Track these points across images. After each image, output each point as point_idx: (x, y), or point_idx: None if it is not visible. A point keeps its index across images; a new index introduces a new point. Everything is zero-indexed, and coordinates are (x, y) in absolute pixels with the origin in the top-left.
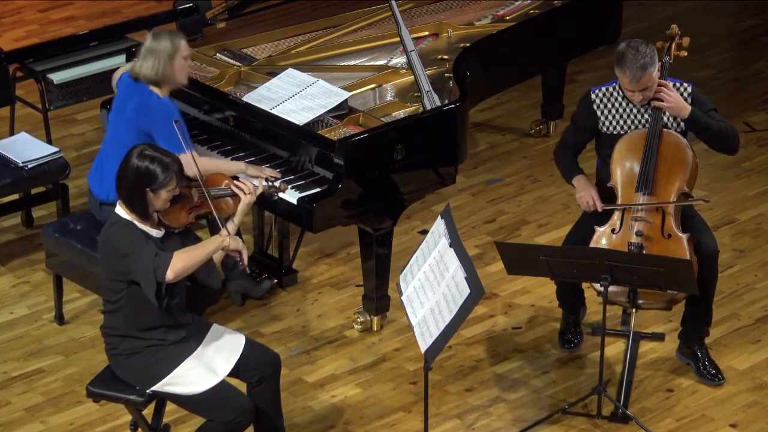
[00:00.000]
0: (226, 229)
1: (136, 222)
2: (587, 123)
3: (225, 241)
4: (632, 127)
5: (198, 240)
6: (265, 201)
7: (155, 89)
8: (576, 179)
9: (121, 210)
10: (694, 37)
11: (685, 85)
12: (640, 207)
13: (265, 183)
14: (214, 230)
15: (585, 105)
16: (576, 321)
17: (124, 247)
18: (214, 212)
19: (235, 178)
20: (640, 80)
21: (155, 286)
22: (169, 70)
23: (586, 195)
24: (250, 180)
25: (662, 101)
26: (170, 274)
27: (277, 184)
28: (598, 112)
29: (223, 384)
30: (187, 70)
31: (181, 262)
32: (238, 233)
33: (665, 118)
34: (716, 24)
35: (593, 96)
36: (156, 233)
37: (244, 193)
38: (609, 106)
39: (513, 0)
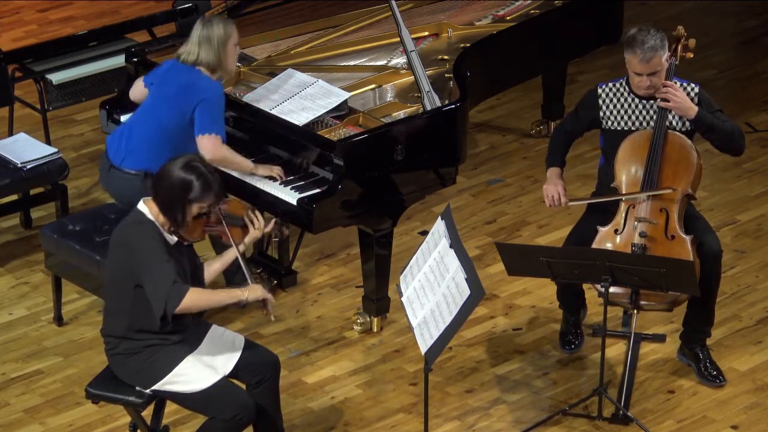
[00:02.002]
0: (247, 277)
1: (157, 224)
2: (589, 115)
3: (242, 297)
4: (636, 123)
5: (196, 256)
6: (265, 202)
7: (208, 74)
8: (550, 170)
9: (144, 208)
10: (696, 38)
11: (692, 85)
12: (617, 200)
13: (274, 228)
14: (215, 244)
15: (590, 98)
16: (576, 322)
17: (144, 254)
18: (228, 234)
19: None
20: (650, 61)
21: (162, 312)
22: (224, 56)
23: (552, 189)
24: (263, 217)
25: (668, 101)
26: (179, 309)
27: (283, 228)
28: (603, 107)
29: (223, 381)
30: (236, 60)
31: (193, 302)
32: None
33: (670, 117)
34: (718, 24)
35: (600, 91)
36: (170, 240)
37: (254, 227)
38: (615, 101)
39: (513, 0)
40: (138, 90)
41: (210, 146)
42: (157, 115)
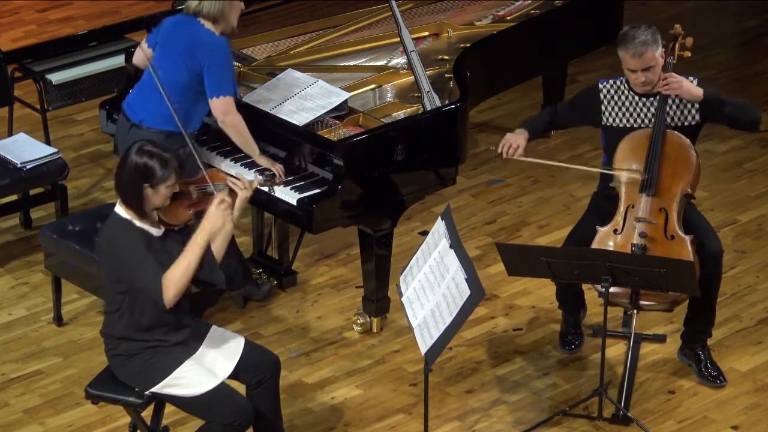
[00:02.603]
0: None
1: (135, 221)
2: (588, 109)
3: (205, 226)
4: (638, 120)
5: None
6: (265, 202)
7: (210, 26)
8: (521, 128)
9: (120, 208)
10: (696, 37)
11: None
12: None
13: (260, 177)
14: None
15: (590, 93)
16: (576, 322)
17: (125, 257)
18: None
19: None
20: (642, 56)
21: (162, 304)
22: (227, 8)
23: (513, 138)
24: (245, 176)
25: (670, 87)
26: (172, 297)
27: (273, 177)
28: (605, 102)
29: (222, 386)
30: (238, 16)
31: (176, 281)
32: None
33: (671, 112)
34: (718, 24)
35: (601, 86)
36: (156, 232)
37: (240, 189)
38: (615, 98)
39: (513, 0)
40: (141, 54)
41: (223, 108)
42: (164, 75)
